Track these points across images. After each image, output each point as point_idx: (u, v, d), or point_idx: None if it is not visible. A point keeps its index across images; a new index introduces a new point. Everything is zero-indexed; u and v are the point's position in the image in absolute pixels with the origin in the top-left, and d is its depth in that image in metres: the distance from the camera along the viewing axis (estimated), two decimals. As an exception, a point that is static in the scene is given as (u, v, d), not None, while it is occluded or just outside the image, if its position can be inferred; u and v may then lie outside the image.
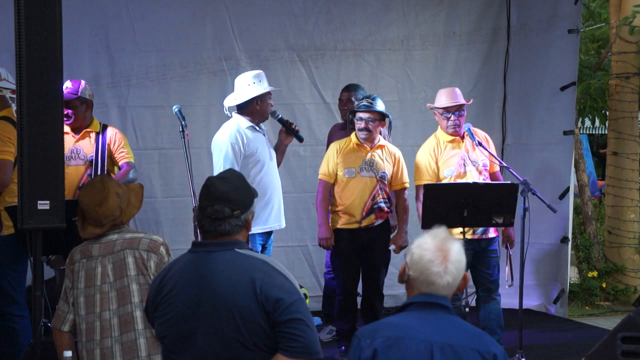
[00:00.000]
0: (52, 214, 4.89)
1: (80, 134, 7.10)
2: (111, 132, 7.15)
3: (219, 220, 3.71)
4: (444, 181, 7.27)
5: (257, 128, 7.02)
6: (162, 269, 4.01)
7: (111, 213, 4.73)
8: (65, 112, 6.89)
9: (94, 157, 7.04)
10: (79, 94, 7.05)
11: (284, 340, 3.58)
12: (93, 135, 7.08)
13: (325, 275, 8.55)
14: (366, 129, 7.30)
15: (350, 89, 8.28)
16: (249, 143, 6.90)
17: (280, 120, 7.06)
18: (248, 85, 7.03)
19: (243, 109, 7.04)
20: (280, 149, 7.20)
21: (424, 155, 7.40)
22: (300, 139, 7.06)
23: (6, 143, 6.06)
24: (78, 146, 7.10)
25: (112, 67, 8.70)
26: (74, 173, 6.99)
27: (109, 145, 7.08)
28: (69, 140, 7.03)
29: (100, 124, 7.19)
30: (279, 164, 7.19)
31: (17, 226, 5.00)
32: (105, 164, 7.04)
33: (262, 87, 7.04)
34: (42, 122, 4.89)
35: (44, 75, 4.89)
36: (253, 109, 7.01)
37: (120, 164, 7.08)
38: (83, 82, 7.18)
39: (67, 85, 7.04)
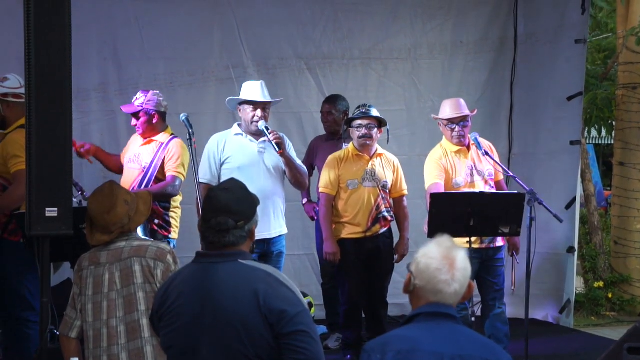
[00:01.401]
0: (60, 221, 4.90)
1: (146, 140, 7.13)
2: (172, 145, 7.06)
3: (223, 232, 3.69)
4: (454, 190, 7.25)
5: (245, 136, 6.99)
6: (166, 279, 4.00)
7: (119, 220, 4.74)
8: (133, 124, 7.02)
9: (147, 166, 7.05)
10: (143, 105, 7.06)
11: (288, 352, 3.55)
12: (156, 144, 7.08)
13: (322, 285, 8.55)
14: (367, 135, 7.30)
15: (331, 100, 8.30)
16: (226, 149, 6.94)
17: (262, 131, 6.93)
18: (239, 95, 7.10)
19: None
20: (284, 163, 7.03)
21: (433, 162, 7.36)
22: (276, 149, 6.83)
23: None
24: (140, 151, 7.13)
25: (120, 75, 8.74)
26: (129, 176, 7.08)
27: (165, 156, 7.03)
28: (137, 143, 7.20)
29: (171, 134, 7.14)
30: (290, 177, 7.07)
31: (25, 233, 5.01)
32: (155, 174, 7.02)
33: (242, 95, 7.05)
34: (51, 129, 4.91)
35: (53, 82, 4.91)
36: (241, 117, 7.05)
37: (166, 175, 7.01)
38: (151, 92, 7.15)
39: (137, 96, 7.13)
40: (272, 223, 6.98)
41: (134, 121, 7.12)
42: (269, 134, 6.83)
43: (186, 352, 3.66)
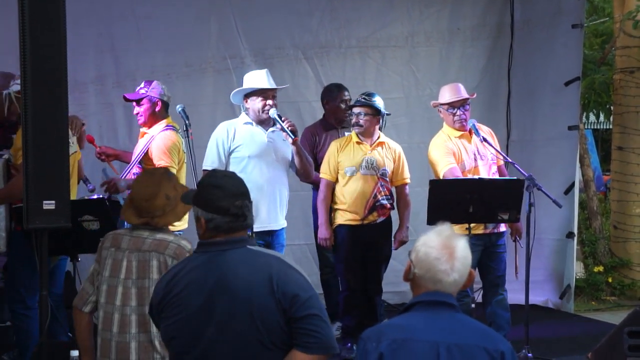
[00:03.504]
0: (58, 214, 4.90)
1: (141, 133, 7.13)
2: (159, 136, 6.97)
3: (244, 216, 3.70)
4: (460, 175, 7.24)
5: (255, 125, 6.93)
6: (168, 271, 3.94)
7: (153, 211, 4.69)
8: (136, 112, 7.00)
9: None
10: (147, 93, 7.03)
11: (301, 336, 3.58)
12: (148, 136, 7.04)
13: (321, 275, 8.55)
14: (357, 123, 7.33)
15: (344, 88, 8.24)
16: (236, 139, 6.87)
17: (275, 119, 6.87)
18: (243, 84, 7.05)
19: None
20: (295, 152, 6.97)
21: (440, 146, 7.33)
22: (291, 136, 6.78)
23: None
24: (139, 144, 7.10)
25: (118, 67, 8.72)
26: None
27: (148, 148, 6.95)
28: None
29: (165, 126, 7.04)
30: (298, 166, 7.03)
31: (23, 226, 5.02)
32: (136, 164, 6.96)
33: (247, 85, 7.00)
34: (47, 123, 4.91)
35: (49, 76, 4.91)
36: (248, 107, 7.00)
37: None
38: (155, 82, 7.13)
39: (141, 85, 7.10)
40: (278, 215, 6.97)
41: (136, 109, 7.09)
42: (283, 121, 6.80)
43: (195, 341, 3.64)
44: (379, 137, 7.46)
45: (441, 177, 7.23)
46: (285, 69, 9.21)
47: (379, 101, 7.42)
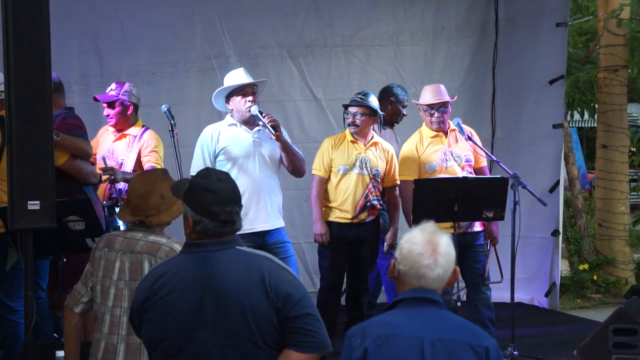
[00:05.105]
0: (43, 214, 4.88)
1: (119, 135, 7.10)
2: (146, 136, 7.05)
3: (233, 222, 3.68)
4: (426, 176, 7.27)
5: (239, 126, 6.89)
6: (150, 272, 3.85)
7: (147, 209, 4.68)
8: (106, 114, 7.00)
9: (124, 160, 7.02)
10: (119, 96, 7.04)
11: (295, 335, 3.57)
12: (130, 137, 7.05)
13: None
14: (354, 123, 7.33)
15: (406, 90, 8.21)
16: (220, 141, 6.84)
17: (256, 116, 6.80)
18: (222, 85, 7.01)
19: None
20: (281, 148, 6.92)
21: (408, 151, 7.42)
22: (272, 132, 6.70)
23: None
24: (114, 147, 7.11)
25: (102, 67, 8.69)
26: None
27: (140, 149, 7.00)
28: (109, 139, 7.20)
29: (142, 127, 7.13)
30: (286, 162, 6.97)
31: (7, 227, 4.99)
32: (133, 168, 6.97)
33: (226, 85, 6.97)
34: (32, 122, 4.89)
35: (33, 75, 4.89)
36: (232, 109, 6.96)
37: (144, 167, 6.93)
38: (127, 84, 7.17)
39: (112, 87, 7.12)
40: (269, 215, 6.89)
41: (106, 111, 7.11)
42: (263, 117, 6.75)
43: (186, 343, 3.60)
44: (372, 137, 7.46)
45: (398, 182, 7.43)
46: (270, 68, 9.20)
47: (374, 101, 7.42)
